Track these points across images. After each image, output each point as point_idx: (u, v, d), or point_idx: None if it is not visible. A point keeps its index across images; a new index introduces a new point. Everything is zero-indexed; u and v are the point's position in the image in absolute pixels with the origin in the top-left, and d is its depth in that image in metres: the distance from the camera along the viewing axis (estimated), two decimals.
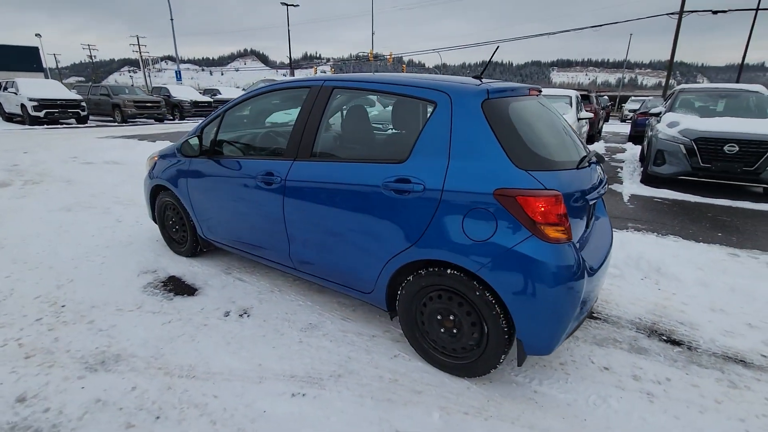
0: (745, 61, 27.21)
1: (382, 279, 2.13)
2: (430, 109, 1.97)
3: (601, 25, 30.38)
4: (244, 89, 12.03)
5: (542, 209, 1.68)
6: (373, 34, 38.70)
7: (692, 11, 25.47)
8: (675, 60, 26.43)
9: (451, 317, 1.97)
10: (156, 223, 3.59)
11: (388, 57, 42.10)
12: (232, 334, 2.38)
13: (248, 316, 2.58)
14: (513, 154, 1.77)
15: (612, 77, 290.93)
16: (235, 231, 2.84)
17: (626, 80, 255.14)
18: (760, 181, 5.35)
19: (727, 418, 1.83)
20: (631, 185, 6.52)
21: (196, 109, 18.94)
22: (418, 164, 1.93)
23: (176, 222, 3.36)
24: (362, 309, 2.69)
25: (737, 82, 25.70)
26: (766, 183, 5.34)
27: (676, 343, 2.41)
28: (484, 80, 2.17)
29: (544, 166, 1.80)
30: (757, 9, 23.86)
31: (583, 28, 31.51)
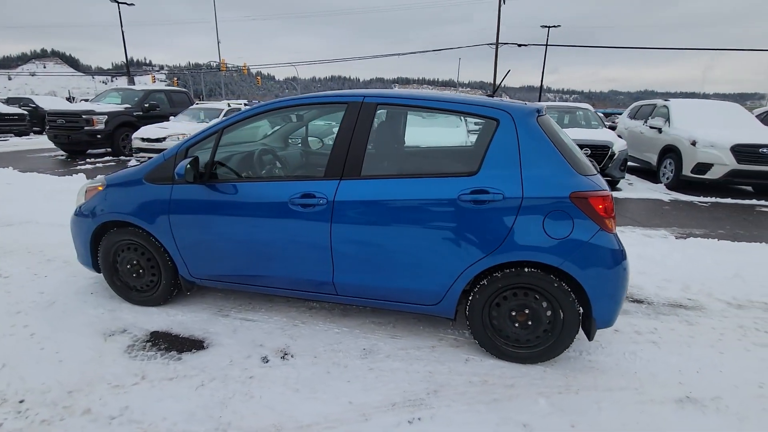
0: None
1: (455, 288, 2.20)
2: (493, 126, 2.16)
3: (438, 50, 35.12)
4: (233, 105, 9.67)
5: (604, 206, 2.05)
6: (219, 42, 36.18)
7: (505, 43, 31.59)
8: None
9: (526, 311, 2.19)
10: (97, 270, 2.81)
11: (243, 67, 40.16)
12: (291, 379, 2.10)
13: (292, 356, 2.30)
14: (572, 162, 2.10)
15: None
16: (247, 264, 2.48)
17: None
18: (605, 176, 7.14)
19: (704, 346, 2.52)
20: None
21: (3, 123, 14.65)
22: (491, 175, 2.09)
23: (140, 265, 2.71)
24: (401, 324, 2.68)
25: (539, 101, 32.68)
26: (611, 177, 7.15)
27: (639, 301, 3.13)
28: (495, 98, 2.46)
29: (586, 172, 2.17)
30: (546, 45, 31.29)
31: (424, 51, 35.90)
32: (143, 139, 9.05)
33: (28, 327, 2.49)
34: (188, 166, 2.30)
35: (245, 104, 10.49)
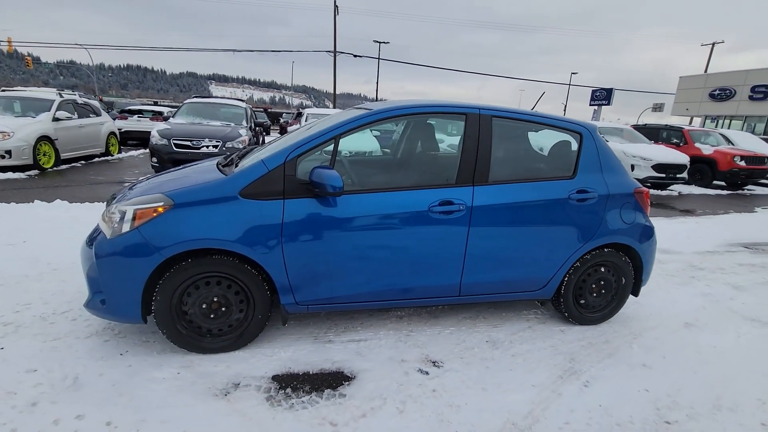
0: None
1: (560, 272, 2.65)
2: (578, 139, 2.68)
3: (276, 51, 34.48)
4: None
5: (648, 198, 2.84)
6: None
7: (342, 52, 33.24)
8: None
9: (602, 283, 2.81)
10: (143, 320, 2.12)
11: (8, 43, 30.32)
12: (465, 382, 2.17)
13: (441, 363, 2.32)
14: (624, 167, 2.82)
15: (265, 95, 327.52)
16: (373, 279, 2.34)
17: (277, 99, 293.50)
18: None
19: (721, 284, 3.65)
20: None
21: None
22: (585, 178, 2.62)
23: (224, 302, 2.18)
24: (487, 315, 2.94)
25: (334, 106, 34.04)
26: None
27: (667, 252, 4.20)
28: None
29: (630, 174, 2.94)
30: (379, 58, 34.39)
31: (263, 51, 34.43)
32: None
33: (111, 423, 1.72)
34: (326, 173, 2.04)
35: (61, 94, 8.33)
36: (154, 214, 2.03)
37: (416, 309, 2.93)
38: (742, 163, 10.28)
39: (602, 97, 29.51)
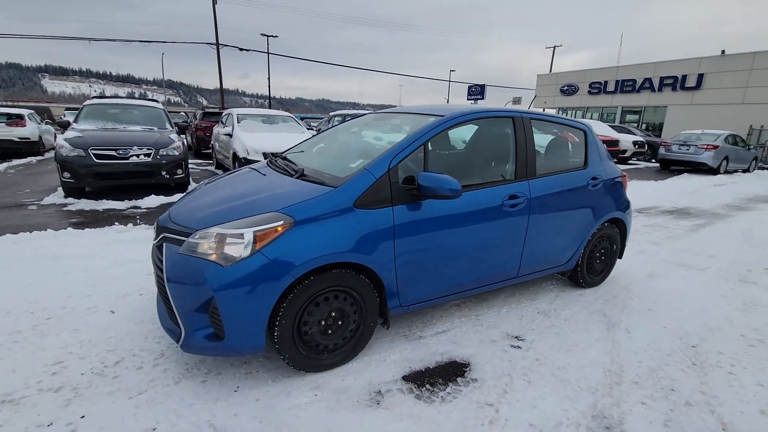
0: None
1: (581, 247, 3.20)
2: (583, 135, 3.25)
3: (148, 42, 30.29)
4: None
5: (626, 180, 3.58)
6: None
7: (227, 45, 30.87)
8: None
9: (602, 251, 3.46)
10: (261, 349, 1.99)
11: None
12: (554, 347, 2.54)
13: (522, 338, 2.66)
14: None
15: (120, 90, 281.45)
16: (460, 273, 2.55)
17: (137, 94, 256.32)
18: None
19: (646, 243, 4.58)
20: None
21: None
22: (593, 168, 3.20)
23: (340, 316, 2.16)
24: (515, 291, 3.37)
25: (222, 104, 31.85)
26: None
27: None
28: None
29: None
30: (269, 53, 32.77)
31: (129, 41, 29.93)
32: None
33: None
34: (437, 177, 2.18)
35: None
36: (275, 234, 1.91)
37: (468, 297, 3.20)
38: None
39: (477, 92, 33.26)
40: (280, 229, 1.93)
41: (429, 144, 2.40)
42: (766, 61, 19.04)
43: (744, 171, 14.36)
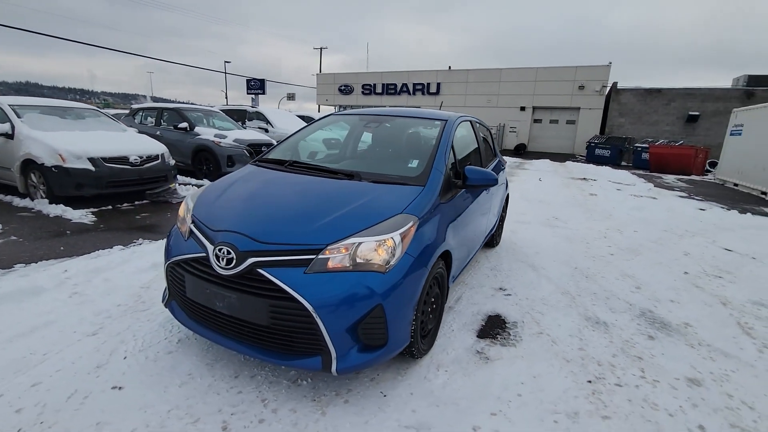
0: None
1: (497, 221, 4.33)
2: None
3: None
4: None
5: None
6: None
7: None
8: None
9: None
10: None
11: None
12: (534, 295, 3.51)
13: (506, 290, 3.50)
14: None
15: None
16: (466, 243, 3.09)
17: None
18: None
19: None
20: None
21: None
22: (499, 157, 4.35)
23: (436, 300, 2.41)
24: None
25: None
26: None
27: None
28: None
29: None
30: (96, 45, 21.96)
31: None
32: None
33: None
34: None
35: None
36: (411, 234, 2.02)
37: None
38: None
39: (257, 86, 32.74)
40: (412, 229, 2.04)
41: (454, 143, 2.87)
42: (476, 76, 26.71)
43: None
